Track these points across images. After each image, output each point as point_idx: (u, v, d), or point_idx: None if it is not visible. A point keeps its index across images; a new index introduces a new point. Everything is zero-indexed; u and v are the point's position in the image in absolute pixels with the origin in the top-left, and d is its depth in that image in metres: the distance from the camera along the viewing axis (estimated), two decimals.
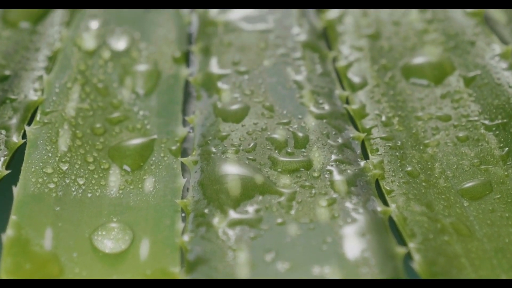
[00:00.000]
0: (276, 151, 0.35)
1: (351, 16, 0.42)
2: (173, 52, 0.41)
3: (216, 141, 0.35)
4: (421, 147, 0.35)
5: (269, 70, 0.39)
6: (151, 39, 0.42)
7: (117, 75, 0.39)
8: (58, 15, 0.42)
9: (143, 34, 0.42)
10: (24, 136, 0.36)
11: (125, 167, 0.35)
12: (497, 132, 0.35)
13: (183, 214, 0.33)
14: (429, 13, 0.42)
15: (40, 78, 0.39)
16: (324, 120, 0.36)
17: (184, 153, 0.37)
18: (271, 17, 0.42)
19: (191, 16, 0.43)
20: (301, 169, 0.34)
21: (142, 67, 0.40)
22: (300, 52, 0.40)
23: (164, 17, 0.43)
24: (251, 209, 0.32)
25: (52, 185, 0.34)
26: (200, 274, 0.30)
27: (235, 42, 0.41)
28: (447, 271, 0.30)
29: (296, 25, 0.41)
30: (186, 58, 0.41)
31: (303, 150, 0.35)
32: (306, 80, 0.38)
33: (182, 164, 0.35)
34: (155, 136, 0.36)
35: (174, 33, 0.42)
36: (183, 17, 0.43)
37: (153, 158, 0.35)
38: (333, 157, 0.34)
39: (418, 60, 0.39)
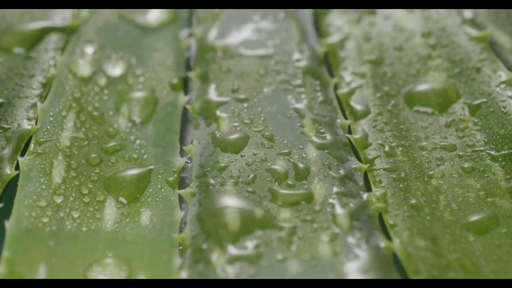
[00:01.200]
0: (277, 183, 0.34)
1: (352, 41, 0.42)
2: (170, 78, 0.40)
3: (214, 172, 0.35)
4: (425, 179, 0.35)
5: (269, 97, 0.38)
6: (148, 65, 0.41)
7: (113, 103, 0.39)
8: (53, 40, 0.42)
9: (140, 60, 0.41)
10: (17, 167, 0.35)
11: (121, 199, 0.35)
12: (503, 163, 0.35)
13: (180, 247, 0.33)
14: (433, 38, 0.41)
15: (34, 106, 0.38)
16: (326, 151, 0.36)
17: (181, 182, 0.36)
18: (271, 42, 0.42)
19: (189, 41, 0.43)
20: (302, 202, 0.33)
21: (138, 94, 0.39)
22: (301, 79, 0.39)
23: (161, 42, 0.43)
24: (250, 244, 0.32)
25: (45, 219, 0.33)
26: None
27: (234, 68, 0.40)
28: None
29: (297, 50, 0.41)
30: (184, 85, 0.41)
31: (304, 182, 0.34)
32: (307, 108, 0.38)
33: (180, 196, 0.35)
34: (152, 167, 0.36)
35: (171, 59, 0.42)
36: (181, 42, 0.43)
37: (150, 190, 0.35)
38: (335, 189, 0.34)
39: (422, 87, 0.39)
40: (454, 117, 0.37)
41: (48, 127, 0.37)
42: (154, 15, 0.44)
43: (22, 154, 0.36)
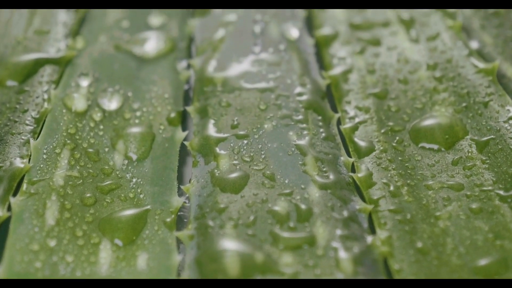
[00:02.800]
0: (278, 226, 0.34)
1: (356, 73, 0.42)
2: (168, 112, 0.40)
3: (213, 214, 0.35)
4: (432, 220, 0.34)
5: (270, 134, 0.38)
6: (145, 98, 0.41)
7: (108, 139, 0.39)
8: (47, 72, 0.42)
9: (137, 93, 0.41)
10: (9, 208, 0.35)
11: (117, 241, 0.34)
12: None
13: None
14: (439, 70, 0.41)
15: (27, 143, 0.38)
16: (329, 191, 0.35)
17: (179, 221, 0.36)
18: (272, 75, 0.41)
19: (188, 73, 0.42)
20: (305, 246, 0.33)
21: (135, 129, 0.39)
22: (303, 114, 0.39)
23: (159, 74, 0.42)
24: None
25: (38, 264, 0.33)
26: None
27: (234, 102, 0.40)
28: None
29: (299, 83, 0.41)
30: (182, 119, 0.40)
31: (306, 224, 0.34)
32: (309, 145, 0.37)
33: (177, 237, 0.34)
34: (148, 207, 0.36)
35: (169, 92, 0.41)
36: (179, 74, 0.42)
37: (147, 232, 0.35)
38: (338, 232, 0.34)
39: (428, 122, 0.39)
40: (461, 154, 0.37)
41: (41, 166, 0.37)
42: (151, 45, 0.44)
43: (15, 194, 0.35)
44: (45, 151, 0.37)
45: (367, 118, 0.39)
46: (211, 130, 0.38)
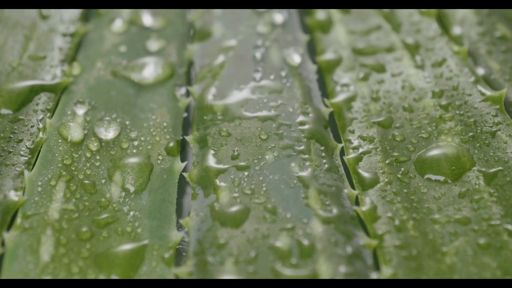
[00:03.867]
0: (280, 263, 0.33)
1: (360, 101, 0.41)
2: (167, 142, 0.40)
3: (213, 249, 0.34)
4: (438, 256, 0.34)
5: (271, 165, 0.38)
6: (143, 127, 0.40)
7: (105, 170, 0.38)
8: (42, 100, 0.41)
9: (134, 121, 0.41)
10: (2, 243, 0.34)
11: (114, 277, 0.34)
12: None
13: None
14: (445, 97, 0.41)
15: (21, 174, 0.37)
16: (332, 225, 0.35)
17: (178, 255, 0.36)
18: (273, 103, 0.41)
19: (187, 100, 0.42)
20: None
21: (133, 160, 0.39)
22: (305, 144, 0.39)
23: (157, 101, 0.42)
24: None
25: None
26: None
27: (234, 132, 0.39)
28: None
29: (301, 112, 0.40)
30: (181, 149, 0.40)
31: (308, 261, 0.33)
32: (311, 177, 0.37)
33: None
34: (146, 242, 0.35)
35: (168, 120, 0.41)
36: (178, 101, 0.42)
37: (144, 268, 0.34)
38: (342, 269, 0.33)
39: (434, 152, 0.38)
40: (468, 186, 0.36)
41: (36, 199, 0.36)
42: (149, 71, 0.43)
43: (9, 228, 0.35)
44: (40, 183, 0.37)
45: (371, 148, 0.39)
46: (211, 161, 0.38)
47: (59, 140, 0.39)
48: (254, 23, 0.46)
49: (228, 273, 0.33)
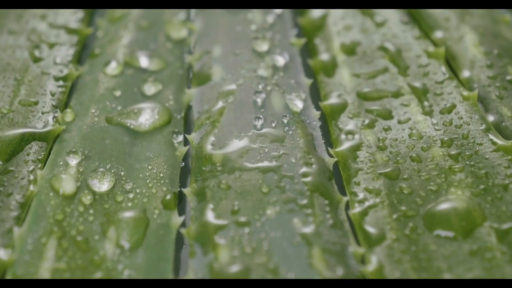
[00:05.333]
0: None
1: (365, 150, 0.40)
2: (163, 194, 0.39)
3: None
4: None
5: (273, 221, 0.37)
6: (139, 178, 0.40)
7: (99, 225, 0.37)
8: (33, 149, 0.40)
9: (130, 172, 0.40)
10: None
11: None
12: None
13: None
14: (454, 147, 0.40)
15: (10, 231, 0.37)
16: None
17: None
18: (274, 152, 0.40)
19: (185, 149, 0.41)
20: None
21: (128, 214, 0.38)
22: (308, 198, 0.38)
23: (154, 150, 0.41)
24: None
25: None
26: None
27: (234, 184, 0.39)
28: None
29: (303, 163, 0.39)
30: (178, 202, 0.39)
31: None
32: (315, 234, 0.36)
33: None
34: None
35: (165, 171, 0.40)
36: (175, 149, 0.41)
37: None
38: None
39: (443, 206, 0.37)
40: (480, 244, 0.36)
41: (26, 258, 0.35)
42: (145, 117, 0.43)
43: None
44: (30, 241, 0.36)
45: (378, 202, 0.38)
46: (210, 216, 0.37)
47: (51, 194, 0.38)
48: (255, 66, 0.46)
49: None
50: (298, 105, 0.43)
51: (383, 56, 0.46)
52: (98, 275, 0.35)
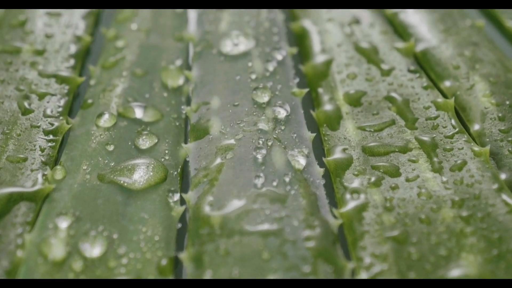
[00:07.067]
0: None
1: (372, 211, 0.39)
2: (158, 259, 0.38)
3: None
4: None
5: None
6: (133, 241, 0.39)
7: None
8: (21, 211, 0.39)
9: (123, 234, 0.39)
10: None
11: None
12: None
13: None
14: (465, 208, 0.39)
15: None
16: None
17: None
18: (276, 214, 0.39)
19: (181, 208, 0.40)
20: None
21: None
22: (311, 265, 0.37)
23: (149, 210, 0.40)
24: None
25: None
26: None
27: (233, 250, 0.37)
28: None
29: (306, 225, 0.38)
30: (174, 267, 0.38)
31: None
32: None
33: None
34: None
35: (160, 233, 0.39)
36: (171, 209, 0.40)
37: None
38: None
39: (454, 273, 0.36)
40: None
41: None
42: (139, 174, 0.42)
43: None
44: None
45: (385, 270, 0.37)
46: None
47: (39, 259, 0.37)
48: (255, 118, 0.45)
49: None
50: (301, 161, 0.42)
51: (389, 107, 0.45)
52: None
